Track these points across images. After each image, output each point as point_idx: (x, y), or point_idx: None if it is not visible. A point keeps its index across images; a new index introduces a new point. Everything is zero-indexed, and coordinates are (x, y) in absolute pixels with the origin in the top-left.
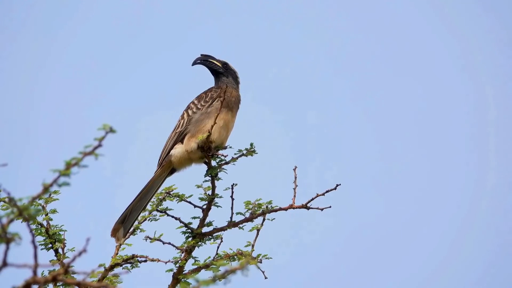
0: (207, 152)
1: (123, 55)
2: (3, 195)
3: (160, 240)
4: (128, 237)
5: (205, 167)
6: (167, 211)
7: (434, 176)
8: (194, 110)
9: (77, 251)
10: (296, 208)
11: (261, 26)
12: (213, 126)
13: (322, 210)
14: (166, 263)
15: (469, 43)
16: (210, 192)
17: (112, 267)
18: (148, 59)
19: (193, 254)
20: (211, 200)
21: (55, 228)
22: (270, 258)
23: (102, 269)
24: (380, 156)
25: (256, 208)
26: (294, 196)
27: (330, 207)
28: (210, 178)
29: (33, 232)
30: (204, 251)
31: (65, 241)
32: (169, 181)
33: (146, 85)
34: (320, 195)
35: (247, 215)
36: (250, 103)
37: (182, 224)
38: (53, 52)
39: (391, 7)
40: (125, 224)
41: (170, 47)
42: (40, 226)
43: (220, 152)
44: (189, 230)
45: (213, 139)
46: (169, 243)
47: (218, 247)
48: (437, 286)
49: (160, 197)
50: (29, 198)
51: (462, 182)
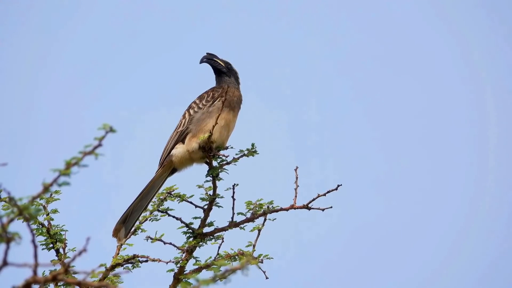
0: (208, 152)
1: (124, 55)
2: (4, 195)
3: (161, 240)
4: (129, 237)
5: (206, 167)
6: (168, 211)
7: (435, 176)
8: (196, 110)
9: (78, 251)
10: (297, 209)
11: (262, 26)
12: (214, 126)
13: (323, 211)
14: (167, 263)
15: (469, 43)
16: (211, 192)
17: (113, 267)
18: (149, 59)
19: (194, 254)
20: (212, 200)
21: (56, 228)
22: (271, 258)
23: (103, 269)
24: (381, 156)
25: (257, 208)
26: (295, 196)
27: (331, 208)
28: (211, 178)
29: (34, 232)
30: (205, 251)
31: (66, 241)
32: (170, 181)
33: (147, 85)
34: (321, 196)
35: (248, 215)
36: (251, 103)
37: (183, 224)
38: (53, 52)
39: (392, 7)
40: (127, 224)
41: (171, 47)
42: (41, 226)
43: (221, 152)
44: (190, 230)
45: (214, 139)
46: (170, 243)
47: (219, 247)
48: (438, 286)
49: (161, 197)
50: (29, 198)
51: (463, 182)
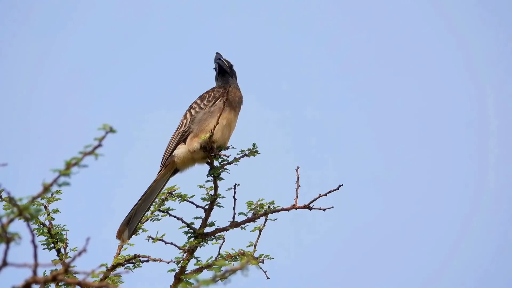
0: (210, 152)
1: (124, 55)
2: (4, 195)
3: (162, 240)
4: (131, 238)
5: (208, 167)
6: (169, 211)
7: (435, 176)
8: (197, 110)
9: (78, 251)
10: (299, 209)
11: (262, 26)
12: (216, 126)
13: (325, 211)
14: (168, 263)
15: (469, 43)
16: (213, 192)
17: (114, 267)
18: (150, 59)
19: (195, 254)
20: (213, 200)
21: (57, 228)
22: (272, 259)
23: (104, 269)
24: (382, 156)
25: (259, 209)
26: (297, 197)
27: (333, 208)
28: (213, 178)
29: (34, 232)
30: (206, 251)
31: (67, 241)
32: (172, 181)
33: (148, 85)
34: (323, 196)
35: (249, 215)
36: (251, 103)
37: (184, 224)
38: (54, 52)
39: (392, 7)
40: (130, 226)
41: (171, 47)
42: (42, 226)
43: (223, 152)
44: (191, 230)
45: (216, 139)
46: (171, 243)
47: (220, 247)
48: (438, 286)
49: (163, 197)
50: (29, 198)
51: (463, 182)
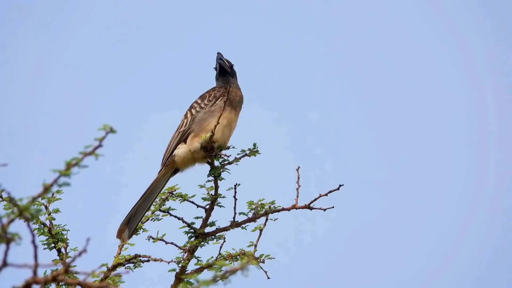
0: (210, 152)
1: (125, 55)
2: (4, 195)
3: (163, 240)
4: (131, 237)
5: (208, 167)
6: (170, 211)
7: (435, 176)
8: (198, 109)
9: (78, 251)
10: (299, 209)
11: (261, 26)
12: (216, 126)
13: (325, 211)
14: (169, 263)
15: (469, 43)
16: (213, 192)
17: (115, 267)
18: (150, 59)
19: (196, 254)
20: (214, 200)
21: (58, 228)
22: (273, 258)
23: (105, 269)
24: (382, 156)
25: (259, 208)
26: (297, 196)
27: (333, 207)
28: (213, 178)
29: (34, 232)
30: (207, 251)
31: (68, 241)
32: (172, 181)
33: (148, 85)
34: (323, 196)
35: (250, 215)
36: (252, 103)
37: (185, 224)
38: (54, 52)
39: (392, 7)
40: (130, 225)
41: (172, 47)
42: (43, 226)
43: (223, 152)
44: (192, 230)
45: (216, 139)
46: (172, 243)
47: (221, 247)
48: (439, 286)
49: (163, 197)
50: (30, 198)
51: (463, 182)
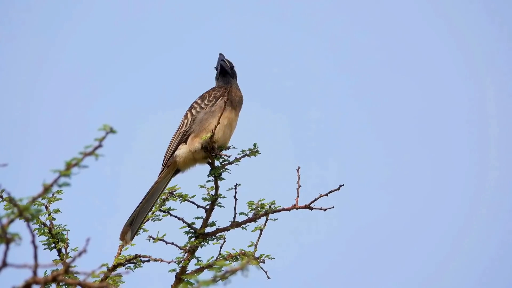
0: (211, 152)
1: (125, 55)
2: (4, 195)
3: (163, 240)
4: (133, 238)
5: (209, 167)
6: (170, 211)
7: (436, 176)
8: (198, 110)
9: (78, 251)
10: (299, 209)
11: (262, 26)
12: (217, 126)
13: (325, 211)
14: (169, 263)
15: (469, 43)
16: (213, 192)
17: (115, 267)
18: (150, 59)
19: (196, 254)
20: (214, 200)
21: (58, 228)
22: (273, 259)
23: (105, 269)
24: (383, 156)
25: (259, 208)
26: (297, 197)
27: (333, 208)
28: (213, 178)
29: (34, 232)
30: (207, 251)
31: (68, 241)
32: (172, 181)
33: (148, 85)
34: (323, 196)
35: (250, 215)
36: (252, 104)
37: (185, 224)
38: (54, 52)
39: (392, 7)
40: (133, 227)
41: (171, 47)
42: (43, 226)
43: (223, 152)
44: (192, 230)
45: (217, 139)
46: (172, 243)
47: (221, 247)
48: (440, 286)
49: (163, 197)
50: (30, 198)
51: (464, 182)
